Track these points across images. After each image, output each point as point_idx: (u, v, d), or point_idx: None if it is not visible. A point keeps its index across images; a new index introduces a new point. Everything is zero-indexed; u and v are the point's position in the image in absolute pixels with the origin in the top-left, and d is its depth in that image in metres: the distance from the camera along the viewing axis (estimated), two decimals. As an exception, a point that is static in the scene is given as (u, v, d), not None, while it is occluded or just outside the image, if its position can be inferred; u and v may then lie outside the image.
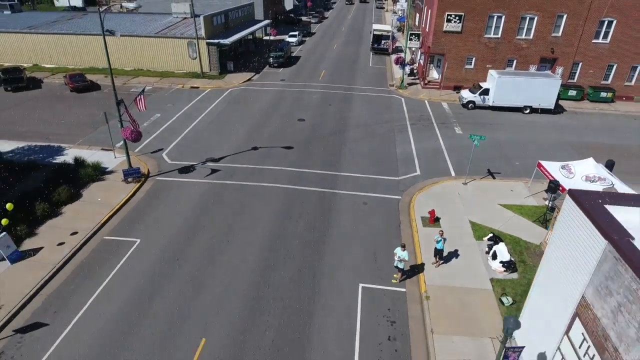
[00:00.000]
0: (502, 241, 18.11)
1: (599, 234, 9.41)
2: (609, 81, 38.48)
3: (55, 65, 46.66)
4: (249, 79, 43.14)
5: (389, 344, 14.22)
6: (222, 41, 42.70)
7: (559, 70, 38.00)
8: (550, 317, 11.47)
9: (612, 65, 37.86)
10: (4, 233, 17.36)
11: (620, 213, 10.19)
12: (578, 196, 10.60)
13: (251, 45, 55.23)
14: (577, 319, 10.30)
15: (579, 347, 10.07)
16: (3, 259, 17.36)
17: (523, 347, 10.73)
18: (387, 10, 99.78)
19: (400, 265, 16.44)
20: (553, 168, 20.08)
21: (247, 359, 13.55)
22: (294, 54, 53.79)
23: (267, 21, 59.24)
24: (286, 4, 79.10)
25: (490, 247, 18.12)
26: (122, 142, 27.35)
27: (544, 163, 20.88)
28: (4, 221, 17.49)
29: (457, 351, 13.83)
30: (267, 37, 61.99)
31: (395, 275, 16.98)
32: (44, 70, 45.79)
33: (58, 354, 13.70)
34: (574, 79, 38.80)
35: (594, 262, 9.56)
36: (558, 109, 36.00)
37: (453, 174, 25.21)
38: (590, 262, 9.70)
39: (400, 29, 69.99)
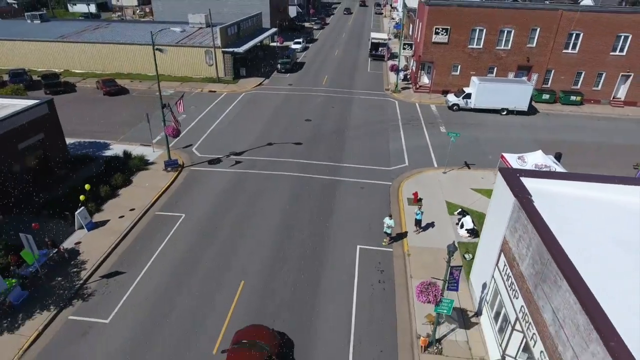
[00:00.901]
0: (468, 215, 23.25)
1: (511, 194, 14.52)
2: (579, 86, 43.61)
3: (85, 70, 51.80)
4: (259, 84, 48.32)
5: (378, 285, 19.35)
6: (236, 50, 47.87)
7: (534, 76, 43.20)
8: (488, 254, 16.59)
9: (581, 72, 43.00)
10: (82, 208, 22.53)
11: (531, 183, 15.29)
12: (502, 171, 15.74)
13: (260, 52, 60.31)
14: (501, 253, 15.42)
15: (502, 271, 15.17)
16: (82, 227, 22.49)
17: (461, 267, 15.83)
18: (385, 16, 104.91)
19: (388, 231, 21.57)
20: (512, 159, 25.19)
21: (275, 294, 18.67)
22: (299, 60, 58.94)
23: (274, 29, 64.42)
24: (290, 11, 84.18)
25: (459, 219, 23.26)
26: (158, 138, 32.62)
27: (505, 155, 25.99)
28: (82, 197, 22.63)
29: (428, 289, 18.91)
30: (273, 44, 67.13)
31: (384, 240, 22.09)
32: (75, 75, 50.92)
33: (136, 290, 18.82)
34: (547, 84, 43.94)
35: (509, 212, 14.67)
36: (532, 111, 41.14)
37: (435, 165, 30.38)
38: (507, 213, 14.81)
39: (396, 35, 75.10)
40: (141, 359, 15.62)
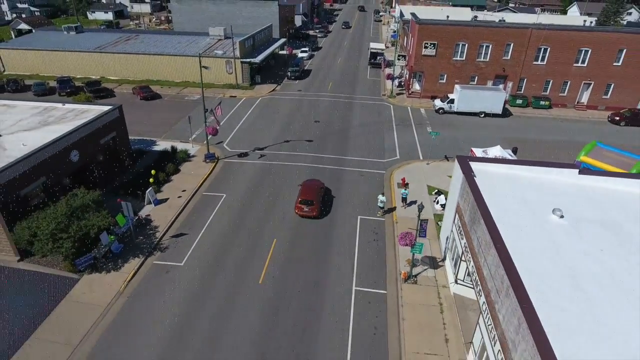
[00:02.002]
0: (442, 194, 30.53)
1: (461, 172, 21.77)
2: (547, 92, 50.89)
3: (119, 77, 59.08)
4: (273, 90, 55.63)
5: (373, 242, 26.60)
6: (252, 60, 55.17)
7: (510, 84, 50.50)
8: (449, 215, 23.86)
9: (549, 81, 50.28)
10: (150, 188, 29.83)
11: (477, 166, 22.53)
12: (458, 158, 23.04)
13: (272, 60, 67.55)
14: (456, 213, 22.67)
15: (456, 224, 22.42)
16: (150, 203, 29.76)
17: (427, 220, 23.10)
18: (384, 24, 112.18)
19: (381, 205, 28.85)
20: (477, 151, 32.43)
21: (298, 248, 25.93)
22: (306, 68, 66.22)
23: (283, 39, 71.73)
24: (296, 20, 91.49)
25: (436, 197, 30.53)
26: (194, 136, 39.84)
27: (474, 149, 33.23)
28: (151, 180, 29.94)
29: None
30: (282, 52, 74.39)
31: (378, 212, 29.34)
32: (110, 82, 58.18)
33: (198, 245, 26.09)
34: (521, 90, 51.21)
35: (460, 184, 21.92)
36: (506, 114, 48.42)
37: (421, 157, 37.67)
38: (459, 185, 22.06)
39: (393, 44, 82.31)
40: (208, 287, 22.92)
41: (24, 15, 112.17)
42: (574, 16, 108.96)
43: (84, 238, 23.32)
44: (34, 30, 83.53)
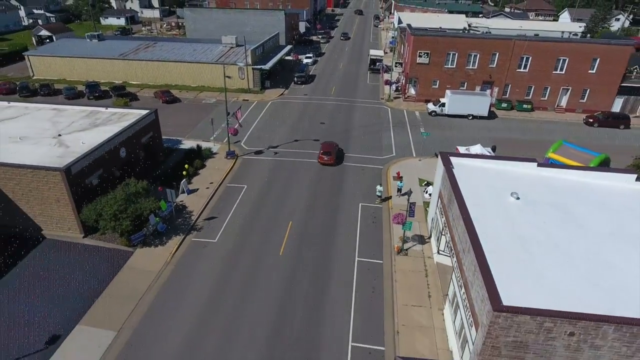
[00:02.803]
0: (431, 185, 35.97)
1: (442, 165, 27.23)
2: (530, 97, 56.36)
3: (140, 82, 64.55)
4: (281, 94, 61.09)
5: (372, 224, 32.08)
6: (263, 67, 60.65)
7: (496, 89, 55.96)
8: (434, 201, 29.32)
9: (531, 86, 55.74)
10: (184, 180, 35.31)
11: (456, 160, 27.97)
12: (441, 153, 28.50)
13: (279, 66, 72.95)
14: (439, 198, 28.12)
15: (438, 207, 27.85)
16: (184, 192, 35.21)
17: (415, 203, 28.55)
18: (383, 29, 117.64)
19: (379, 194, 34.33)
20: (462, 149, 37.86)
21: (310, 228, 31.39)
22: (311, 73, 71.68)
23: (289, 46, 77.12)
24: (300, 27, 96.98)
25: (425, 188, 35.99)
26: (214, 136, 45.24)
27: (459, 147, 38.66)
28: (184, 172, 35.43)
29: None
30: (288, 57, 79.76)
31: (377, 200, 34.80)
32: (132, 86, 63.62)
33: (227, 225, 31.57)
34: (506, 95, 56.67)
35: (441, 174, 27.38)
36: (492, 116, 53.89)
37: (414, 155, 43.15)
38: (440, 175, 27.52)
39: (392, 49, 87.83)
40: (239, 253, 28.37)
41: (39, 21, 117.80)
42: (563, 22, 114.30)
43: (137, 218, 28.77)
44: (54, 37, 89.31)
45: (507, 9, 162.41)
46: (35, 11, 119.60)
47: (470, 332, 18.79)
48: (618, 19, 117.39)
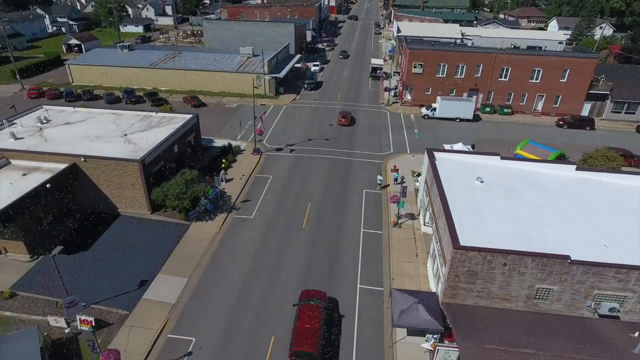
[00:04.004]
0: (421, 176, 44.56)
1: (428, 159, 35.79)
2: (510, 102, 64.94)
3: (169, 88, 73.16)
4: (294, 99, 69.71)
5: (374, 206, 40.67)
6: (277, 75, 69.26)
7: (481, 96, 64.58)
8: (422, 187, 37.89)
9: (511, 93, 64.34)
10: (222, 171, 43.95)
11: (439, 154, 36.55)
12: (427, 150, 37.10)
13: (290, 73, 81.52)
14: (425, 183, 36.67)
15: (424, 190, 36.40)
16: (222, 181, 43.78)
17: (406, 186, 37.11)
18: (383, 36, 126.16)
19: (379, 182, 42.98)
20: (447, 146, 46.39)
21: (325, 208, 39.98)
22: (318, 79, 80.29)
23: (299, 55, 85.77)
24: (307, 36, 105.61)
25: (416, 178, 44.56)
26: (240, 135, 53.86)
27: (444, 145, 47.19)
28: (223, 165, 44.09)
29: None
30: (298, 65, 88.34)
31: (377, 187, 43.40)
32: (162, 92, 72.21)
33: (260, 205, 40.19)
34: (489, 100, 65.27)
35: (426, 166, 35.94)
36: (477, 119, 62.47)
37: (408, 151, 51.79)
38: (426, 166, 36.09)
39: (391, 57, 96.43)
40: (271, 226, 36.99)
41: (63, 29, 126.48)
42: (551, 32, 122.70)
43: (193, 199, 37.36)
44: (82, 45, 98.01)
45: (501, 16, 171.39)
46: (59, 19, 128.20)
47: (442, 271, 27.41)
48: (602, 28, 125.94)
